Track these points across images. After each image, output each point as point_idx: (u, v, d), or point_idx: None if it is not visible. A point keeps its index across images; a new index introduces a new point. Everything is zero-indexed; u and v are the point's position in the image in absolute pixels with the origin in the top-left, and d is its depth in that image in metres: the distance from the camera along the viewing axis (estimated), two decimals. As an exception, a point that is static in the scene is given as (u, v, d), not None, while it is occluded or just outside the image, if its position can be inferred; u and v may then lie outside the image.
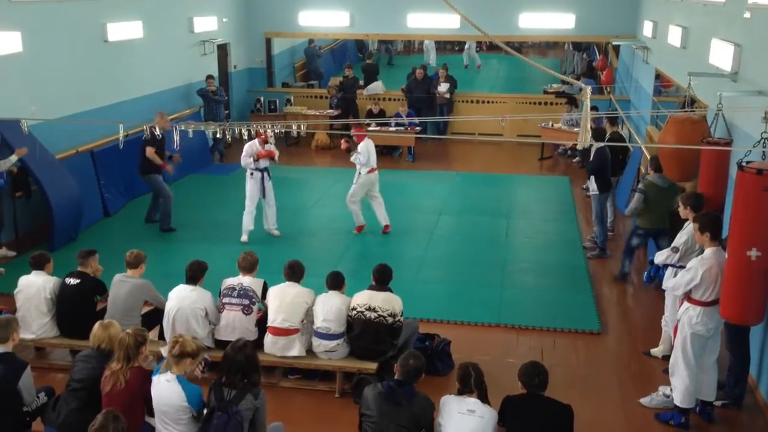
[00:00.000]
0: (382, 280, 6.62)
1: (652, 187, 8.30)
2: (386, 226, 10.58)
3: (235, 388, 4.80)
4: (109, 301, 6.69)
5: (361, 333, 6.43)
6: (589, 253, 9.91)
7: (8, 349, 5.17)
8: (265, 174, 10.11)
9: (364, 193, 10.45)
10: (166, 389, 4.88)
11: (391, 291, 6.61)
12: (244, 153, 9.98)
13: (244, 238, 10.14)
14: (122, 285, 6.67)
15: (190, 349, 4.96)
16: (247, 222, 10.16)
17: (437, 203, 12.15)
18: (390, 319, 6.41)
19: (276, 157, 10.19)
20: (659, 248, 8.29)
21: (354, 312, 6.46)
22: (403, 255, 9.80)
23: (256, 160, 9.94)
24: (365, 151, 10.18)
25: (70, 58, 10.88)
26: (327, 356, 6.52)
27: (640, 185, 8.56)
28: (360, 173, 10.33)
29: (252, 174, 10.06)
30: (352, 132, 10.51)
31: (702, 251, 6.05)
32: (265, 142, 9.86)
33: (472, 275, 9.20)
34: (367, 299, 6.47)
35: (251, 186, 10.08)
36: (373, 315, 6.39)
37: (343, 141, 10.48)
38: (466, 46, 26.06)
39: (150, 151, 10.27)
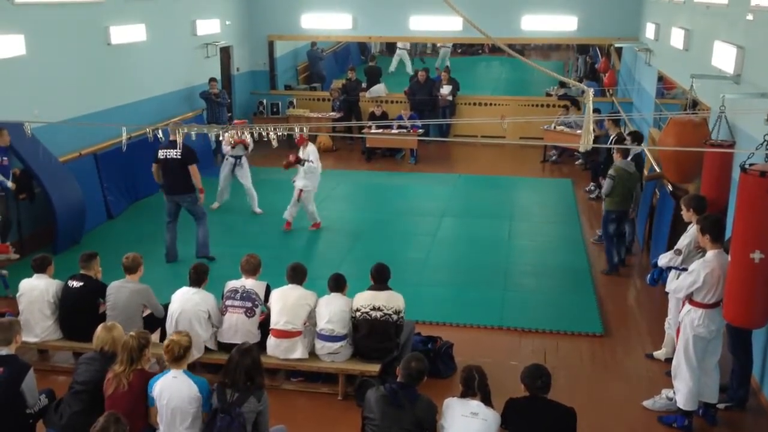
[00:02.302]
0: (380, 278, 6.61)
1: (622, 171, 9.03)
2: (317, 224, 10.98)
3: (238, 391, 4.82)
4: (108, 308, 6.65)
5: (368, 333, 6.43)
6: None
7: (11, 352, 5.17)
8: (238, 161, 11.49)
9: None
10: (177, 385, 4.92)
11: (390, 289, 6.61)
12: (224, 141, 11.05)
13: (215, 205, 11.59)
14: (121, 291, 6.63)
15: (186, 344, 5.04)
16: (220, 194, 11.74)
17: (439, 205, 12.14)
18: (395, 317, 6.44)
19: (248, 146, 11.43)
20: (619, 228, 9.18)
21: (358, 313, 6.46)
22: (405, 257, 9.81)
23: (233, 147, 11.24)
24: (313, 154, 10.58)
25: (73, 61, 10.90)
26: (330, 358, 6.52)
27: (611, 171, 9.16)
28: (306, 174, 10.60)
29: (227, 158, 11.57)
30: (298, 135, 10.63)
31: (704, 253, 6.04)
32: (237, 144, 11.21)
33: (474, 278, 9.19)
34: (370, 299, 6.48)
35: (223, 166, 11.71)
36: (378, 314, 6.41)
37: (291, 156, 10.63)
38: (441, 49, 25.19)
39: (196, 171, 9.27)
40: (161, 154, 9.15)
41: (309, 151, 10.53)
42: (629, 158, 9.38)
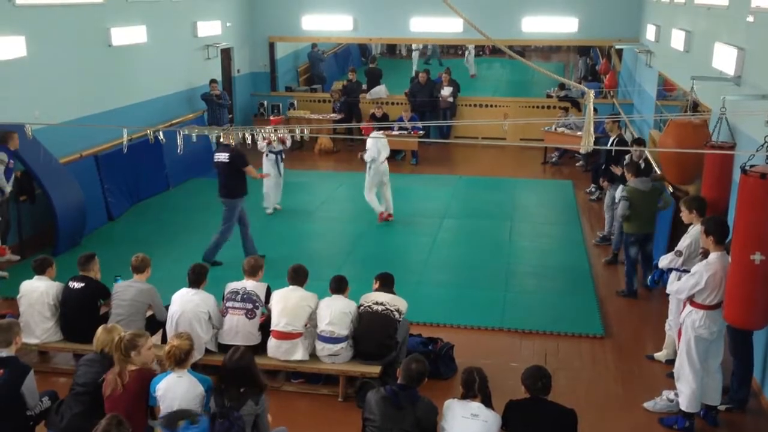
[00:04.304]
0: (385, 284, 6.74)
1: (636, 192, 8.37)
2: (388, 215, 11.13)
3: (235, 395, 4.83)
4: (113, 306, 6.67)
5: (369, 325, 6.46)
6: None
7: (11, 353, 5.17)
8: (279, 156, 11.34)
9: (377, 182, 10.99)
10: (182, 384, 4.94)
11: (395, 294, 6.69)
12: (259, 138, 10.98)
13: (269, 210, 11.43)
14: (127, 290, 6.66)
15: (188, 348, 5.03)
16: (266, 196, 11.32)
17: (440, 207, 12.14)
18: (396, 314, 6.49)
19: (287, 143, 11.54)
20: (645, 254, 8.59)
21: (361, 308, 6.55)
22: (406, 258, 9.82)
23: (269, 143, 11.07)
24: (373, 147, 10.80)
25: (74, 63, 10.91)
26: (330, 360, 6.52)
27: (624, 192, 8.58)
28: (370, 166, 10.88)
29: (267, 155, 11.24)
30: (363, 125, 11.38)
31: (705, 254, 6.04)
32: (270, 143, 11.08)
33: (475, 279, 9.19)
34: (374, 296, 6.62)
35: (266, 165, 11.26)
36: (380, 308, 6.49)
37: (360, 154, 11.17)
38: (466, 52, 25.62)
39: (251, 170, 9.52)
40: (215, 157, 9.51)
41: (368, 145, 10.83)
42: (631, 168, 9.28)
